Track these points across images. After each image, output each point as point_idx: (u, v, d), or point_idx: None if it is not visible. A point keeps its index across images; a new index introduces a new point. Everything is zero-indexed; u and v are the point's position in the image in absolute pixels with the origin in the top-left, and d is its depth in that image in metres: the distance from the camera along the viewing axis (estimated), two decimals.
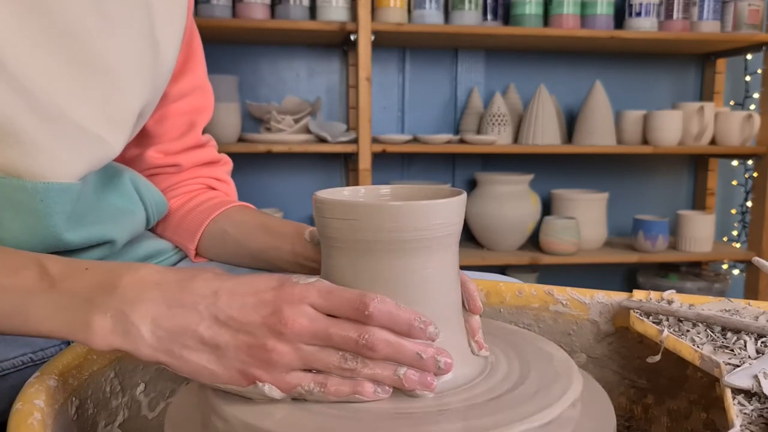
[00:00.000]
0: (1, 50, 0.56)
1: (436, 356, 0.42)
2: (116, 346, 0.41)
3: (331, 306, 0.41)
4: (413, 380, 0.42)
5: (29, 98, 0.57)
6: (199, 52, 0.80)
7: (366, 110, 1.90)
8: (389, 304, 0.41)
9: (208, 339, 0.40)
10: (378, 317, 0.41)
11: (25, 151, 0.58)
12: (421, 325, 0.42)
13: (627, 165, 2.38)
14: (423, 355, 0.42)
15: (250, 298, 0.41)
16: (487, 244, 2.14)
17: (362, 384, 0.41)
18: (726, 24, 2.10)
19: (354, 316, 0.41)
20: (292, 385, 0.41)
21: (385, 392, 0.42)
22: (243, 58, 2.14)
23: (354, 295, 0.41)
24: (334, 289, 0.42)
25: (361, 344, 0.40)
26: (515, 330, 0.55)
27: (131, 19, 0.66)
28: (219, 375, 0.41)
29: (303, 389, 0.41)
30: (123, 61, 0.65)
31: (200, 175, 0.82)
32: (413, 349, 0.41)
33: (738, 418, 0.41)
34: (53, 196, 0.60)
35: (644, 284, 2.24)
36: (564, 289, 0.63)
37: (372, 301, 0.41)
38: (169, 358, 0.41)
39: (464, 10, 1.98)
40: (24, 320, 0.43)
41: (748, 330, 0.52)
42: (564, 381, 0.44)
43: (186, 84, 0.78)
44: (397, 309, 0.41)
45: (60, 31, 0.59)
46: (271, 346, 0.40)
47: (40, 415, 0.39)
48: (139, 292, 0.41)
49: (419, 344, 0.42)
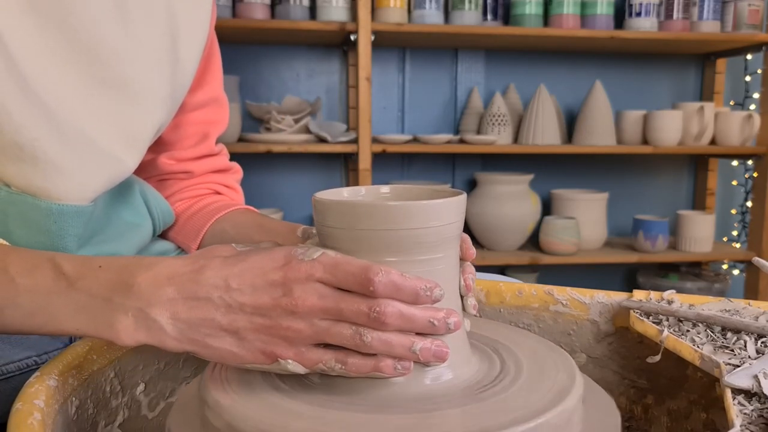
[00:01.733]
0: (26, 67, 0.56)
1: (446, 319, 0.42)
2: (143, 342, 0.42)
3: (338, 281, 0.41)
4: (429, 354, 0.42)
5: (51, 118, 0.57)
6: (217, 65, 0.81)
7: (366, 110, 1.90)
8: (393, 276, 0.41)
9: (227, 326, 0.42)
10: (383, 291, 0.41)
11: (43, 172, 0.58)
12: (427, 292, 0.42)
13: (627, 165, 2.38)
14: (435, 322, 0.42)
15: (259, 281, 0.42)
16: (487, 244, 2.14)
17: (382, 360, 0.42)
18: (726, 24, 2.10)
19: (360, 290, 0.41)
20: (314, 361, 0.42)
21: (405, 368, 0.42)
22: (243, 58, 2.14)
23: (358, 270, 0.41)
24: (339, 263, 0.42)
25: (372, 317, 0.41)
26: (515, 330, 0.55)
27: (156, 38, 0.66)
28: (243, 357, 0.42)
29: (324, 366, 0.42)
30: (145, 81, 0.65)
31: (210, 181, 0.83)
32: (425, 318, 0.42)
33: (738, 418, 0.41)
34: (67, 219, 0.60)
35: (644, 284, 2.24)
36: (564, 289, 0.63)
37: (376, 276, 0.41)
38: (194, 347, 0.42)
39: (464, 10, 1.98)
40: (46, 320, 0.44)
41: (748, 330, 0.52)
42: (565, 382, 0.44)
43: (203, 95, 0.79)
44: (402, 279, 0.41)
45: (85, 48, 0.60)
46: (286, 325, 0.41)
47: (40, 415, 0.39)
48: (154, 288, 0.42)
49: (429, 310, 0.42)
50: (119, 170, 0.64)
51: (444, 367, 0.44)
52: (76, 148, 0.60)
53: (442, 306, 0.43)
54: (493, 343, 0.50)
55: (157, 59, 0.66)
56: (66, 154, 0.59)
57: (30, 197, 0.58)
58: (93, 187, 0.62)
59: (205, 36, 0.74)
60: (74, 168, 0.59)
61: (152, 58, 0.66)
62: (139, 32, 0.64)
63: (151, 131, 0.67)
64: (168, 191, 0.81)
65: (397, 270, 0.41)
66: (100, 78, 0.61)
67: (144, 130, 0.66)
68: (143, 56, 0.65)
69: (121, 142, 0.64)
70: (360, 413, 0.40)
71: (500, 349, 0.49)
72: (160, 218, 0.76)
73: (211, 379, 0.45)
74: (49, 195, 0.59)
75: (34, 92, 0.56)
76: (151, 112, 0.66)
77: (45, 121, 0.57)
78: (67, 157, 0.59)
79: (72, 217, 0.60)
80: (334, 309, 0.41)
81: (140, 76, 0.64)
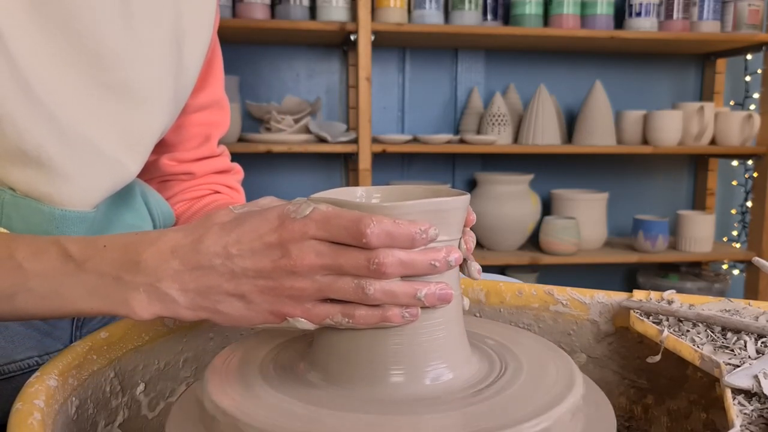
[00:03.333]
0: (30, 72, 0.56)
1: (447, 258, 0.42)
2: (160, 314, 0.44)
3: (331, 238, 0.42)
4: (434, 298, 0.42)
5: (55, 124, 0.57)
6: (219, 67, 0.81)
7: (366, 110, 1.90)
8: (386, 225, 0.41)
9: (233, 291, 0.43)
10: (377, 242, 0.41)
11: (47, 177, 0.58)
12: (423, 235, 0.41)
13: (627, 165, 2.38)
14: (437, 264, 0.42)
15: (257, 244, 0.42)
16: (487, 244, 2.14)
17: (389, 310, 0.42)
18: (726, 24, 2.10)
19: (355, 243, 0.41)
20: (322, 316, 0.43)
21: (413, 315, 0.42)
22: (243, 58, 2.14)
23: (350, 223, 0.41)
24: (331, 217, 0.42)
25: (372, 269, 0.41)
26: (515, 330, 0.55)
27: (160, 41, 0.66)
28: (253, 319, 0.44)
29: (332, 320, 0.43)
30: (149, 85, 0.65)
31: (211, 182, 0.83)
32: (425, 261, 0.42)
33: (738, 418, 0.41)
34: (69, 224, 0.60)
35: (644, 284, 2.24)
36: (564, 289, 0.63)
37: (368, 228, 0.40)
38: (206, 313, 0.44)
39: (464, 10, 1.98)
40: (60, 302, 0.45)
41: (748, 330, 0.52)
42: (565, 382, 0.44)
43: (205, 97, 0.79)
44: (395, 226, 0.41)
45: (89, 53, 0.59)
46: (289, 285, 0.42)
47: (39, 415, 0.39)
48: (160, 263, 0.43)
49: (429, 252, 0.42)
50: (122, 175, 0.64)
51: (444, 367, 0.44)
52: (80, 153, 0.60)
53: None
54: (493, 343, 0.50)
55: (162, 63, 0.66)
56: (70, 159, 0.59)
57: (34, 201, 0.58)
58: (96, 193, 0.62)
59: (209, 39, 0.74)
60: (78, 174, 0.59)
61: (156, 62, 0.66)
62: (144, 36, 0.64)
63: (154, 135, 0.67)
64: (169, 192, 0.81)
65: None
66: (104, 82, 0.61)
67: (147, 134, 0.66)
68: (148, 60, 0.64)
69: (125, 146, 0.64)
70: (360, 413, 0.40)
71: (500, 349, 0.49)
72: (161, 220, 0.76)
73: (210, 380, 0.45)
74: (52, 200, 0.59)
75: (37, 97, 0.56)
76: (155, 115, 0.66)
77: (49, 126, 0.57)
78: (71, 163, 0.59)
79: (75, 222, 0.60)
80: (333, 265, 0.41)
81: (145, 80, 0.64)
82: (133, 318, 0.44)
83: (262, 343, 0.50)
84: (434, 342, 0.44)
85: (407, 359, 0.43)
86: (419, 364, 0.43)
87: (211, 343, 0.60)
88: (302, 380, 0.44)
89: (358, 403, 0.42)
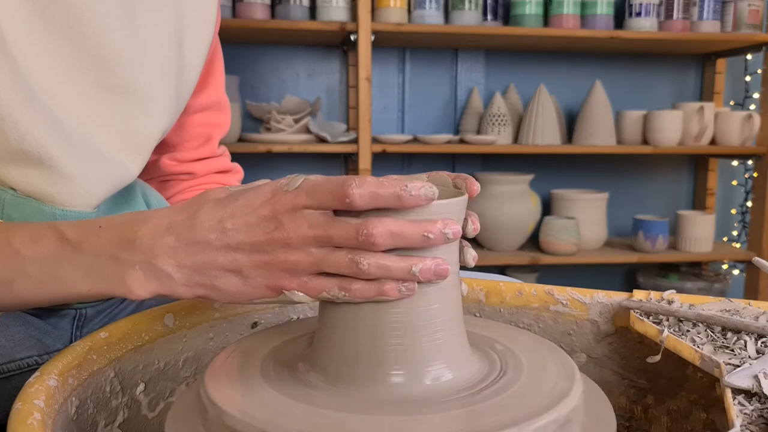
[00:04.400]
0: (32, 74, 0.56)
1: (443, 230, 0.41)
2: (156, 292, 0.44)
3: (320, 204, 0.41)
4: (429, 273, 0.41)
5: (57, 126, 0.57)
6: (220, 68, 0.81)
7: (366, 110, 1.90)
8: (370, 185, 0.39)
9: (229, 265, 0.43)
10: (362, 202, 0.40)
11: (49, 178, 0.58)
12: (411, 192, 0.40)
13: (627, 165, 2.38)
14: (430, 236, 0.40)
15: (251, 218, 0.42)
16: (487, 244, 2.14)
17: (386, 284, 0.41)
18: (726, 24, 2.10)
19: (341, 207, 0.40)
20: (318, 290, 0.42)
21: (410, 290, 0.42)
22: (243, 58, 2.14)
23: (335, 187, 0.40)
24: (318, 184, 0.41)
25: (361, 240, 0.40)
26: (515, 330, 0.55)
27: (163, 43, 0.66)
28: (250, 293, 0.44)
29: (328, 294, 0.42)
30: (151, 87, 0.65)
31: (211, 182, 0.83)
32: (417, 233, 0.40)
33: (738, 418, 0.41)
34: None
35: (644, 284, 2.24)
36: (564, 289, 0.63)
37: (350, 188, 0.39)
38: (203, 290, 0.44)
39: (464, 10, 1.98)
40: (58, 286, 0.45)
41: (748, 330, 0.52)
42: (565, 382, 0.44)
43: (206, 98, 0.79)
44: (380, 186, 0.40)
45: (92, 56, 0.60)
46: (283, 258, 0.42)
47: (39, 415, 0.39)
48: (155, 239, 0.43)
49: (422, 223, 0.40)
50: (124, 176, 0.64)
51: (444, 367, 0.44)
52: (82, 155, 0.60)
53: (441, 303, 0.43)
54: (493, 343, 0.50)
55: (164, 64, 0.66)
56: (72, 161, 0.59)
57: (35, 201, 0.58)
58: (98, 194, 0.62)
59: (210, 40, 0.74)
60: (80, 175, 0.59)
61: (159, 64, 0.66)
62: (147, 38, 0.64)
63: (155, 136, 0.67)
64: (170, 192, 0.81)
65: None
66: (107, 85, 0.61)
67: (149, 136, 0.66)
68: (150, 62, 0.65)
69: (126, 148, 0.64)
70: (360, 413, 0.40)
71: (500, 349, 0.49)
72: None
73: (210, 380, 0.45)
74: (53, 200, 0.59)
75: (40, 100, 0.56)
76: (157, 117, 0.66)
77: (51, 129, 0.57)
78: (72, 164, 0.59)
79: None
80: (324, 236, 0.41)
81: (147, 82, 0.64)
82: (130, 297, 0.44)
83: (262, 343, 0.50)
84: (434, 342, 0.44)
85: (407, 359, 0.43)
86: (419, 364, 0.43)
87: (211, 343, 0.60)
88: (302, 380, 0.44)
89: (358, 403, 0.41)
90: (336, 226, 0.41)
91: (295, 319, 0.65)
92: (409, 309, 0.43)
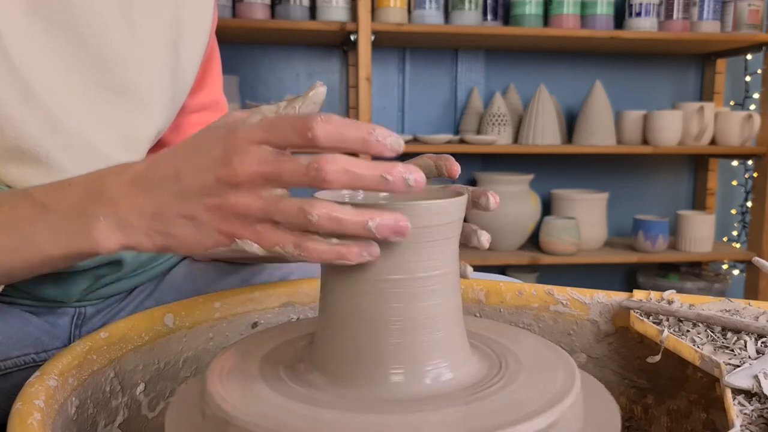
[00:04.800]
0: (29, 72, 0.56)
1: (404, 175, 0.37)
2: (122, 244, 0.43)
3: (278, 138, 0.38)
4: (386, 230, 0.38)
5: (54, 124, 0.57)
6: (217, 68, 0.81)
7: (366, 110, 1.90)
8: (336, 123, 0.37)
9: (183, 211, 0.41)
10: (325, 138, 0.37)
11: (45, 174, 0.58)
12: (378, 137, 0.37)
13: (627, 165, 2.38)
14: (389, 177, 0.37)
15: (204, 159, 0.40)
16: None
17: (347, 247, 0.39)
18: (726, 24, 2.10)
19: (302, 143, 0.37)
20: (272, 243, 0.40)
21: (372, 254, 0.39)
22: (243, 58, 2.14)
23: (297, 120, 0.37)
24: (279, 119, 0.39)
25: (311, 175, 0.37)
26: (515, 330, 0.55)
27: (160, 43, 0.66)
28: (205, 242, 0.42)
29: (282, 249, 0.40)
30: (148, 86, 0.65)
31: None
32: (375, 173, 0.37)
33: (738, 418, 0.41)
34: None
35: (644, 284, 2.24)
36: (564, 289, 0.63)
37: (315, 122, 0.36)
38: (162, 239, 0.42)
39: (464, 10, 1.98)
40: (33, 250, 0.45)
41: (748, 330, 0.52)
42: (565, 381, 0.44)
43: (203, 98, 0.79)
44: (347, 126, 0.37)
45: (91, 54, 0.60)
46: (233, 201, 0.39)
47: (39, 415, 0.39)
48: (121, 189, 0.43)
49: (383, 165, 0.37)
50: None
51: (444, 366, 0.44)
52: (80, 154, 0.60)
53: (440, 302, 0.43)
54: (493, 343, 0.50)
55: (161, 64, 0.66)
56: (69, 159, 0.59)
57: None
58: None
59: (207, 39, 0.74)
60: (76, 172, 0.59)
61: (156, 63, 0.66)
62: (145, 37, 0.64)
63: (152, 135, 0.67)
64: None
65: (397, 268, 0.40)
66: (106, 84, 0.61)
67: (146, 135, 0.66)
68: (148, 61, 0.65)
69: (123, 147, 0.64)
70: (359, 413, 0.40)
71: (500, 348, 0.49)
72: None
73: (209, 378, 0.45)
74: None
75: (37, 98, 0.56)
76: (154, 116, 0.66)
77: (48, 127, 0.57)
78: (69, 162, 0.59)
79: None
80: (273, 173, 0.38)
81: (144, 81, 0.64)
82: (97, 251, 0.43)
83: (263, 343, 0.50)
84: (434, 341, 0.44)
85: (407, 359, 0.43)
86: (419, 363, 0.43)
87: (211, 343, 0.60)
88: (302, 380, 0.44)
89: (358, 403, 0.41)
90: (286, 161, 0.38)
91: (295, 319, 0.65)
92: (410, 308, 0.43)
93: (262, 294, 0.64)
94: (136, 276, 0.72)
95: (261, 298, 0.64)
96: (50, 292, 0.64)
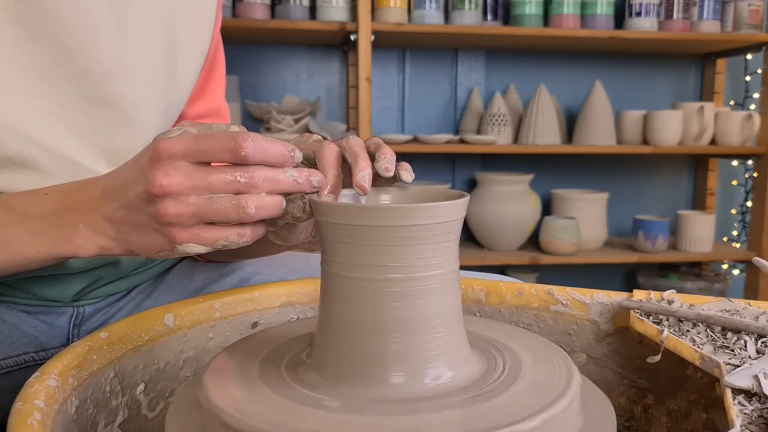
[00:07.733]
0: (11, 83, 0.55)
1: (309, 177, 0.45)
2: (103, 246, 0.47)
3: (203, 152, 0.43)
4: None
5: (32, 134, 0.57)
6: (220, 75, 0.78)
7: (366, 110, 1.90)
8: (261, 140, 0.43)
9: (132, 220, 0.45)
10: (254, 155, 0.43)
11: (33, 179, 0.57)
12: (291, 153, 0.45)
13: (627, 165, 2.38)
14: (299, 180, 0.45)
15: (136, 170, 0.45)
16: (487, 244, 2.14)
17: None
18: (726, 24, 2.10)
19: (230, 157, 0.43)
20: (213, 240, 0.45)
21: None
22: (243, 58, 2.14)
23: (227, 136, 0.42)
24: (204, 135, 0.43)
25: (243, 182, 0.43)
26: (515, 330, 0.55)
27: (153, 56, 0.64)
28: (153, 246, 0.46)
29: (226, 241, 0.45)
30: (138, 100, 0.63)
31: None
32: (289, 179, 0.45)
33: (738, 418, 0.41)
34: None
35: (644, 284, 2.24)
36: (564, 289, 0.63)
37: (246, 141, 0.42)
38: (127, 245, 0.47)
39: (464, 10, 1.98)
40: (9, 252, 0.48)
41: (748, 330, 0.52)
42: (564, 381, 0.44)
43: (204, 105, 0.77)
44: (269, 143, 0.44)
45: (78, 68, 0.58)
46: (163, 211, 0.43)
47: (39, 415, 0.39)
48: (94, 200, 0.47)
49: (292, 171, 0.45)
50: None
51: (444, 366, 0.44)
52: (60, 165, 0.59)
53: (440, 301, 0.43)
54: (493, 343, 0.50)
55: (153, 75, 0.64)
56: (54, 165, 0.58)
57: None
58: None
59: (206, 48, 0.71)
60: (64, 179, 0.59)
61: (148, 74, 0.64)
62: (137, 48, 0.62)
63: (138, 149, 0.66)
64: None
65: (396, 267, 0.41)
66: (87, 96, 0.60)
67: (131, 148, 0.64)
68: (138, 73, 0.63)
69: (104, 160, 0.62)
70: (359, 413, 0.40)
71: (500, 348, 0.49)
72: None
73: (208, 378, 0.45)
74: None
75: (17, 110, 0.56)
76: (142, 129, 0.64)
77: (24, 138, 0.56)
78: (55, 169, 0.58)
79: None
80: (204, 184, 0.43)
81: (133, 93, 0.62)
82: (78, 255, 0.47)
83: (262, 344, 0.50)
84: (434, 342, 0.44)
85: (407, 359, 0.43)
86: (419, 364, 0.43)
87: (211, 343, 0.60)
88: (302, 380, 0.44)
89: (358, 403, 0.41)
90: (215, 173, 0.43)
91: (295, 319, 0.65)
92: (410, 308, 0.43)
93: (262, 294, 0.64)
94: (134, 276, 0.71)
95: (261, 298, 0.64)
96: (48, 292, 0.63)
